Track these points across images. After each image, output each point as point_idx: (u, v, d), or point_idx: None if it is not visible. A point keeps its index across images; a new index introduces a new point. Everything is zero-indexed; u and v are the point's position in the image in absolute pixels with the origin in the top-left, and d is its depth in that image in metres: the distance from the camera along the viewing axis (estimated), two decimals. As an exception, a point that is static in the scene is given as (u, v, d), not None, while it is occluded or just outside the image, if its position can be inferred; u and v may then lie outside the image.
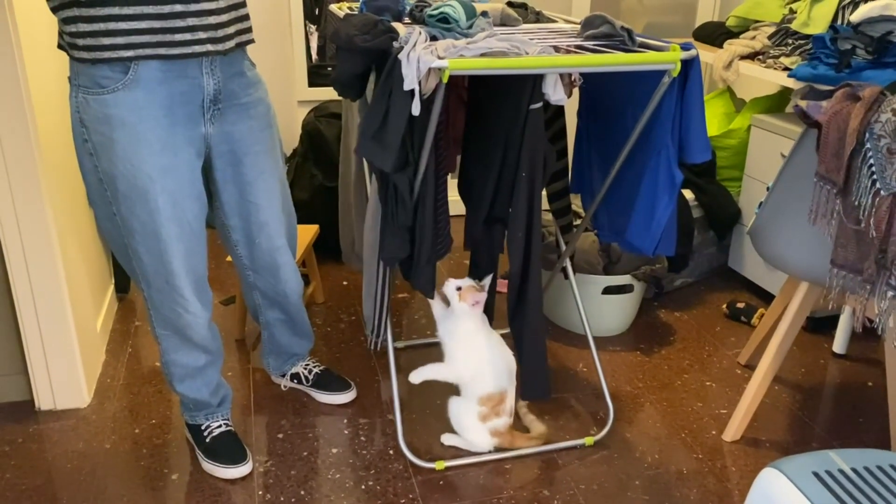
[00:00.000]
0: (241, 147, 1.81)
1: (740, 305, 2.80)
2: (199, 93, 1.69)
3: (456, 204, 2.43)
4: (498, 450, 2.05)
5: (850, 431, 2.19)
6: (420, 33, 1.62)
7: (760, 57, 2.74)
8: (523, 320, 2.00)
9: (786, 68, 2.57)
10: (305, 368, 2.30)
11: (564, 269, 2.35)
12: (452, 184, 2.23)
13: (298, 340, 2.24)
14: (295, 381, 2.30)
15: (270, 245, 1.97)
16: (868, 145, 1.71)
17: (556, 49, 1.68)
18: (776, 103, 3.01)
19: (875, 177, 1.71)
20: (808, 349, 2.62)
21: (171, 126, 1.67)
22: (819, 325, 2.73)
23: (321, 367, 2.31)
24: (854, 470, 1.32)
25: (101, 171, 1.69)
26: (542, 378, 2.03)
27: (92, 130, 1.65)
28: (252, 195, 1.87)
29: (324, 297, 2.88)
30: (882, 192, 1.70)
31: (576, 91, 2.09)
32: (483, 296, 1.98)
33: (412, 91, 1.54)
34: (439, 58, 1.50)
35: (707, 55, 2.90)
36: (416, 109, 1.56)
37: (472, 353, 1.98)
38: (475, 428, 2.01)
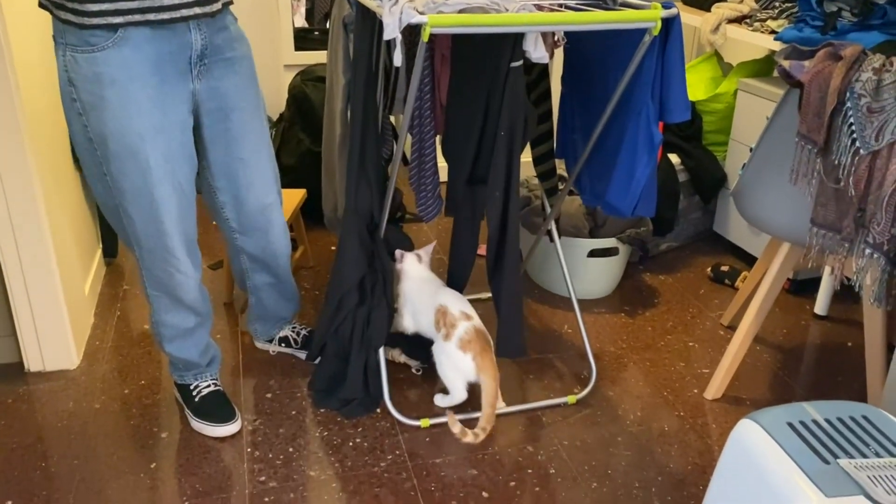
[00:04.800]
0: (229, 102, 1.81)
1: (724, 269, 2.83)
2: (188, 49, 1.68)
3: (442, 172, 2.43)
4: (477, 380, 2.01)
5: (828, 389, 2.23)
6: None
7: (748, 20, 2.74)
8: (500, 280, 2.02)
9: (772, 31, 2.57)
10: (294, 331, 2.32)
11: (550, 232, 2.37)
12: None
13: (286, 304, 2.25)
14: (283, 344, 2.32)
15: (260, 203, 1.97)
16: (849, 104, 1.72)
17: (539, 8, 1.68)
18: (763, 67, 3.01)
19: (855, 136, 1.72)
20: (790, 311, 2.65)
21: (161, 84, 1.66)
22: (802, 287, 2.76)
23: (308, 329, 2.33)
24: (827, 420, 1.36)
25: (91, 131, 1.68)
26: (518, 337, 2.05)
27: (81, 89, 1.64)
28: (239, 151, 1.87)
29: (312, 261, 2.90)
30: (861, 150, 1.71)
31: (560, 56, 2.09)
32: (417, 255, 2.21)
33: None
34: (420, 13, 1.50)
35: (695, 19, 2.90)
36: (397, 60, 1.56)
37: (406, 301, 2.18)
38: (452, 359, 2.02)
